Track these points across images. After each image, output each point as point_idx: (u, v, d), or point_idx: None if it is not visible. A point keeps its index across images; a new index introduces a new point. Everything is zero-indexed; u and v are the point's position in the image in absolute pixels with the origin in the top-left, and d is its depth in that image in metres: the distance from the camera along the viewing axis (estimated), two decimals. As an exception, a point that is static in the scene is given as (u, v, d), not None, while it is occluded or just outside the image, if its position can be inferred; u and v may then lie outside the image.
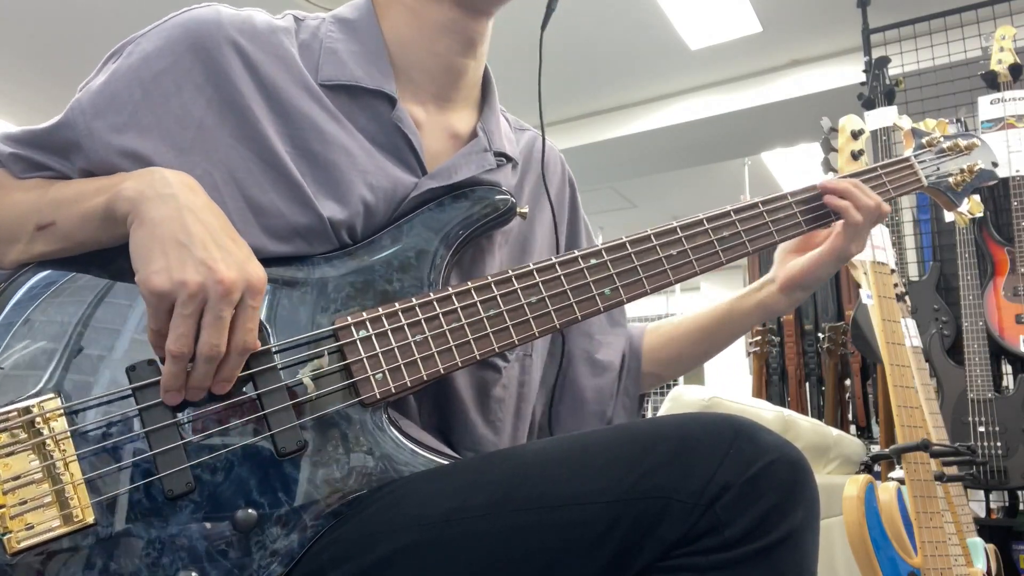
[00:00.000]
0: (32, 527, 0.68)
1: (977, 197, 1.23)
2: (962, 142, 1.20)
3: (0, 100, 5.10)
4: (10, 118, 5.30)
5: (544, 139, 1.05)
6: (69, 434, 0.71)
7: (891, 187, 1.12)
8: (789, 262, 1.08)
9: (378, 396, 0.79)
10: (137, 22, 0.86)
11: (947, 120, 1.26)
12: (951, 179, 1.18)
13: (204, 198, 0.77)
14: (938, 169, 1.18)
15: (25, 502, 0.69)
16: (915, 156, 1.18)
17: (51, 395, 0.72)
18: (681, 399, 1.94)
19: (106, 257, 0.78)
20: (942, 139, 1.21)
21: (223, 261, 0.72)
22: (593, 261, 0.90)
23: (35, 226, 0.79)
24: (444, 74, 0.94)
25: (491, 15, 0.94)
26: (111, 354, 0.75)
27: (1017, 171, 2.76)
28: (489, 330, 0.84)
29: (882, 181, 1.11)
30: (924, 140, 1.20)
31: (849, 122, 1.74)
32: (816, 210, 1.04)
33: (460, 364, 0.83)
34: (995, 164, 1.22)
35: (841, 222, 1.04)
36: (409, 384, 0.81)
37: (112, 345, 0.75)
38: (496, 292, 0.86)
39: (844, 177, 1.07)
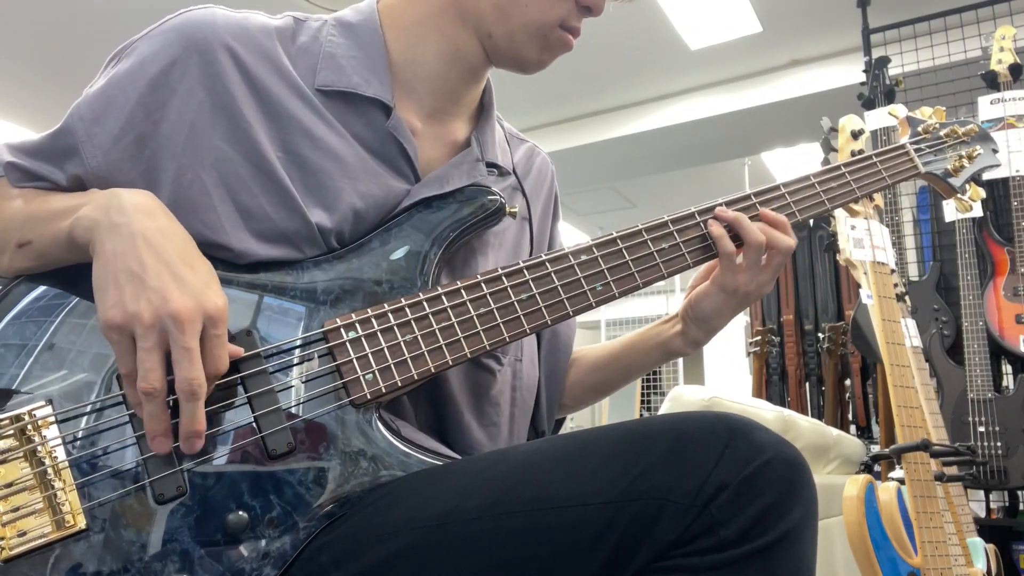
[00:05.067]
0: (24, 534, 0.69)
1: (981, 189, 1.21)
2: (960, 128, 1.18)
3: (2, 101, 5.10)
4: (12, 119, 5.30)
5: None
6: (60, 441, 0.72)
7: (887, 174, 1.09)
8: (688, 296, 1.02)
9: (368, 397, 0.79)
10: (139, 22, 0.85)
11: (944, 109, 1.24)
12: (949, 165, 1.16)
13: (162, 222, 0.76)
14: (935, 156, 1.17)
15: (17, 509, 0.69)
16: (911, 143, 1.16)
17: (42, 403, 0.72)
18: (681, 399, 1.94)
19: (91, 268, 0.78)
20: (938, 126, 1.19)
21: (178, 290, 0.70)
22: (583, 257, 0.90)
23: (16, 243, 0.79)
24: (449, 94, 0.94)
25: None
26: (101, 362, 0.75)
27: (1017, 171, 2.75)
28: (479, 328, 0.84)
29: (877, 169, 1.09)
30: (920, 128, 1.18)
31: (849, 122, 1.74)
32: (810, 199, 1.02)
33: (451, 363, 0.82)
34: (995, 151, 1.20)
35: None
36: (400, 384, 0.80)
37: (102, 353, 0.75)
38: (486, 290, 0.85)
39: (834, 169, 1.05)
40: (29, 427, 0.71)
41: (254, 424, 0.75)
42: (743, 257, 0.95)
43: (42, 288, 0.79)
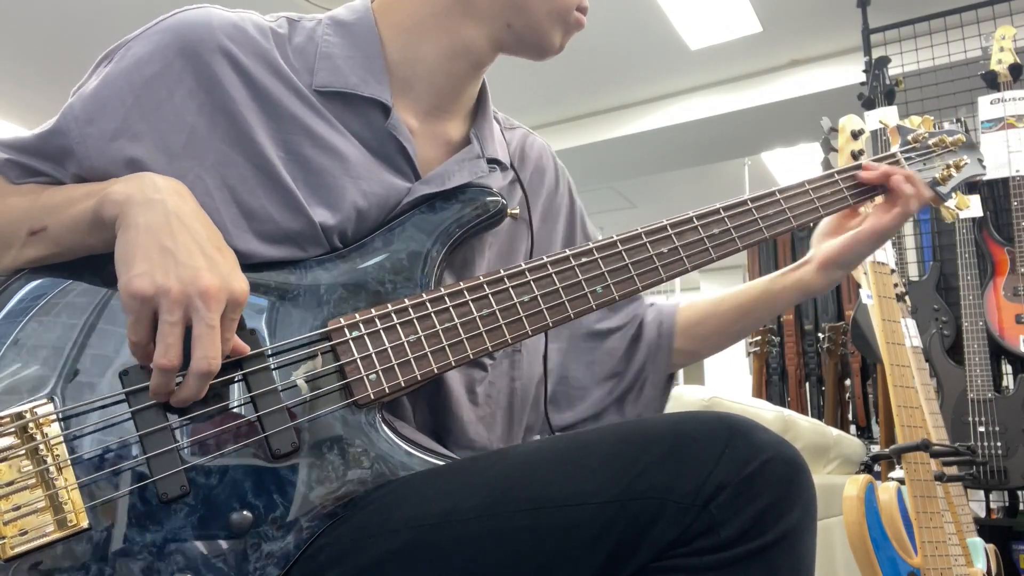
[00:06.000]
0: (26, 533, 0.68)
1: (972, 197, 1.23)
2: (948, 138, 1.21)
3: (2, 101, 5.10)
4: (11, 118, 5.30)
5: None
6: (62, 439, 0.71)
7: None
8: (825, 243, 1.10)
9: (372, 396, 0.79)
10: (138, 21, 0.85)
11: (932, 118, 1.26)
12: (937, 174, 1.18)
13: (193, 205, 0.77)
14: (925, 164, 1.19)
15: (19, 507, 0.68)
16: (902, 152, 1.18)
17: (44, 400, 0.72)
18: (681, 399, 1.94)
19: (97, 264, 0.78)
20: (927, 135, 1.21)
21: (208, 270, 0.71)
22: (584, 260, 0.90)
23: (27, 231, 0.79)
24: (451, 91, 0.94)
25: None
26: (104, 359, 0.75)
27: (1017, 171, 2.75)
28: (482, 329, 0.84)
29: None
30: (909, 137, 1.21)
31: (849, 122, 1.73)
32: (805, 205, 1.05)
33: (454, 363, 0.83)
34: (980, 160, 1.24)
35: (879, 202, 1.09)
36: (403, 384, 0.80)
37: (105, 351, 0.75)
38: (488, 291, 0.86)
39: (827, 176, 1.09)
40: (31, 425, 0.71)
41: (258, 424, 0.75)
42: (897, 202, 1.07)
43: (41, 283, 0.78)
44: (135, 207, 0.73)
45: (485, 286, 0.86)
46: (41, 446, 0.70)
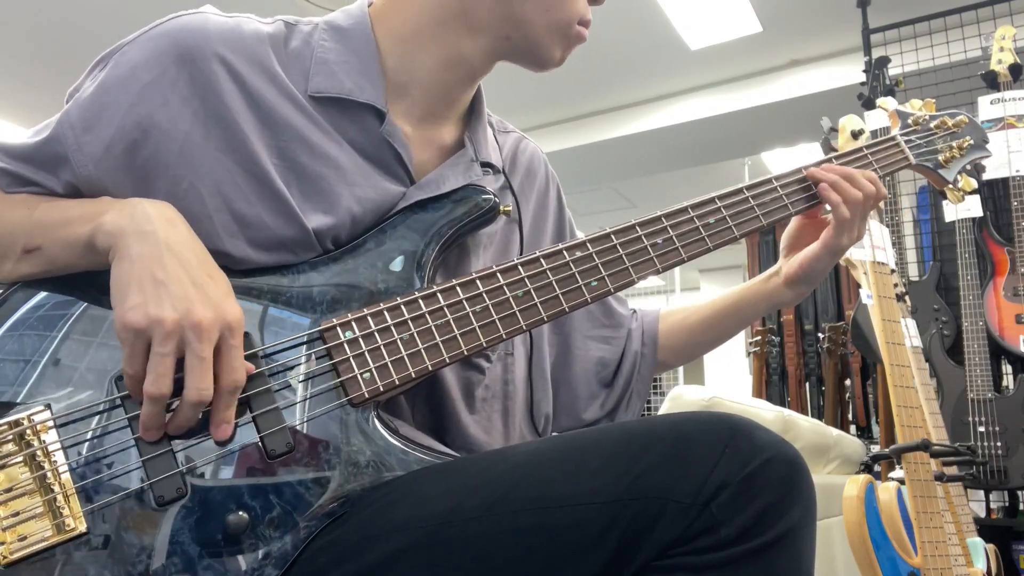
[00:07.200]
0: (25, 538, 0.68)
1: (972, 197, 1.22)
2: (950, 120, 1.19)
3: (2, 101, 5.09)
4: (11, 118, 5.30)
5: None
6: (60, 445, 0.71)
7: (878, 166, 1.11)
8: (790, 258, 1.10)
9: (367, 395, 0.79)
10: (139, 22, 0.85)
11: (934, 101, 1.25)
12: (940, 156, 1.17)
13: (184, 233, 0.77)
14: (927, 147, 1.18)
15: (17, 513, 0.69)
16: (901, 135, 1.17)
17: (40, 407, 0.72)
18: (681, 399, 1.94)
19: (91, 275, 0.79)
20: (928, 117, 1.20)
21: (199, 301, 0.72)
22: (578, 253, 0.90)
23: (22, 248, 0.79)
24: (445, 98, 0.94)
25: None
26: (99, 366, 0.75)
27: (1017, 171, 2.75)
28: (476, 325, 0.84)
29: (868, 161, 1.11)
30: (910, 120, 1.20)
31: (849, 122, 1.74)
32: (803, 191, 1.04)
33: (448, 360, 0.82)
34: (985, 141, 1.22)
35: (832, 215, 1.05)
36: (397, 382, 0.80)
37: (100, 357, 0.75)
38: (481, 288, 0.85)
39: (827, 161, 1.07)
40: (28, 431, 0.71)
41: (253, 425, 0.75)
42: (846, 219, 1.03)
43: (40, 295, 0.79)
44: (127, 238, 0.74)
45: (478, 282, 0.85)
46: (38, 452, 0.71)
